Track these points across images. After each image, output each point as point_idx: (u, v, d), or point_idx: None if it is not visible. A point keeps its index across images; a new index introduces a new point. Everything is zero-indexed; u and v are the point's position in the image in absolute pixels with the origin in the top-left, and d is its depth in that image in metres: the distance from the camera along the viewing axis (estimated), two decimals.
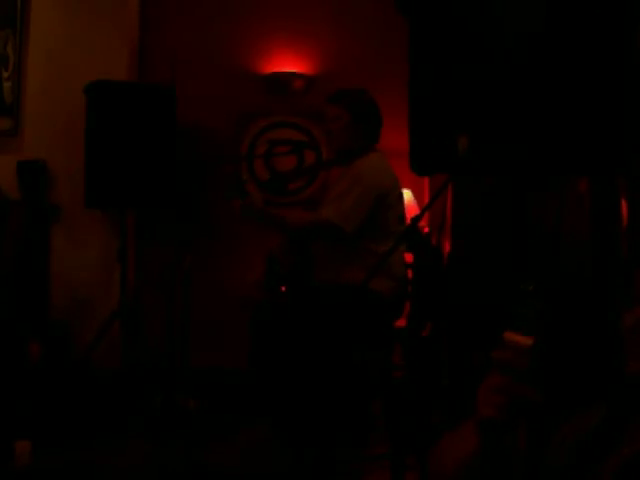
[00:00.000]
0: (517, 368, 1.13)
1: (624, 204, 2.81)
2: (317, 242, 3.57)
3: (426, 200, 4.75)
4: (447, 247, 3.74)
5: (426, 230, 4.16)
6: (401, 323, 3.64)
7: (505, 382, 1.13)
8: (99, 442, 3.75)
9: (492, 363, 1.16)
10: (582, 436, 1.20)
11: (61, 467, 3.41)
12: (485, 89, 2.33)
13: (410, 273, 3.62)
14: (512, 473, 1.23)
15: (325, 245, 3.51)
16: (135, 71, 5.09)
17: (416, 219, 2.99)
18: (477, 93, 2.33)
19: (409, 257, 3.65)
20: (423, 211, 2.85)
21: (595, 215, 2.80)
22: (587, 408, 1.24)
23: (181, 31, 5.07)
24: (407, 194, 4.47)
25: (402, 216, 3.55)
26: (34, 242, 4.88)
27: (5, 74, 5.13)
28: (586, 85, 2.23)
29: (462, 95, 2.35)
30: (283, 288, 3.82)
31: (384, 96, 3.85)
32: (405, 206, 3.71)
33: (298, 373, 3.23)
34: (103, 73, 4.63)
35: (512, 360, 1.13)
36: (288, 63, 5.11)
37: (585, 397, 1.26)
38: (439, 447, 1.32)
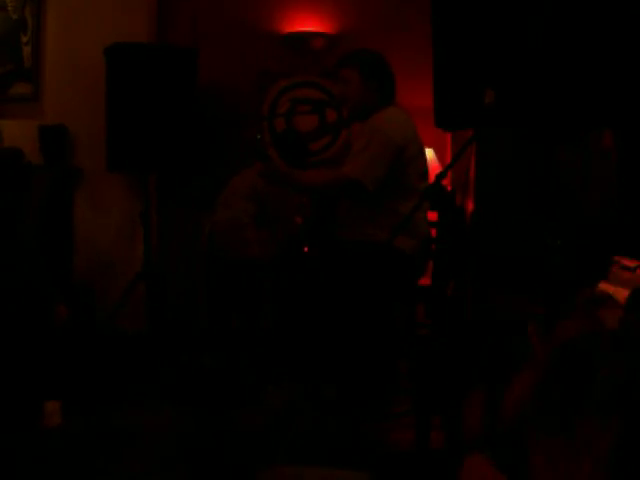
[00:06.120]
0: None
1: None
2: (340, 200, 3.56)
3: (448, 159, 4.72)
4: (470, 206, 3.72)
5: (449, 189, 4.14)
6: (425, 282, 3.64)
7: (592, 316, 1.16)
8: (125, 403, 3.79)
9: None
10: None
11: (89, 427, 3.45)
12: (511, 41, 2.30)
13: (434, 232, 3.60)
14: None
15: (348, 203, 3.50)
16: (154, 32, 5.06)
17: (440, 176, 2.97)
18: (503, 45, 2.30)
19: (433, 215, 3.63)
20: (447, 168, 2.82)
21: (621, 169, 2.77)
22: None
23: None
24: (429, 153, 4.44)
25: (425, 172, 3.51)
26: (57, 206, 4.91)
27: (24, 39, 5.12)
28: (613, 36, 2.20)
29: (488, 48, 2.32)
30: (306, 249, 3.82)
31: (406, 53, 3.83)
32: (428, 163, 3.67)
33: (322, 330, 3.24)
34: (122, 35, 4.62)
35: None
36: (308, 22, 5.07)
37: None
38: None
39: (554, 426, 1.25)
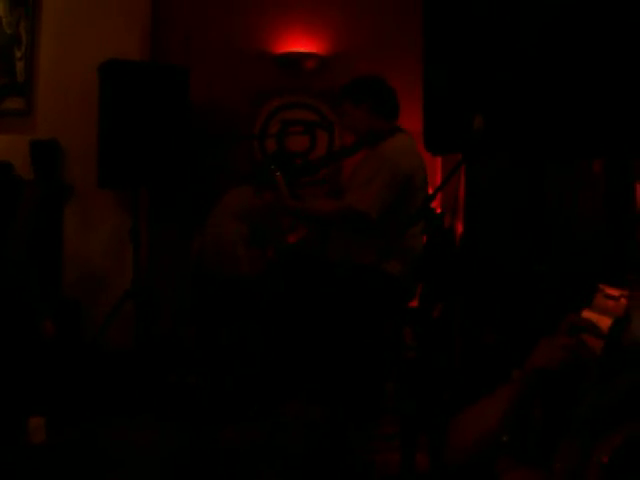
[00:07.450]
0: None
1: (638, 187, 2.80)
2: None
3: (438, 181, 4.73)
4: (459, 228, 3.73)
5: (438, 211, 4.15)
6: (412, 304, 3.64)
7: (573, 342, 1.19)
8: (111, 420, 3.77)
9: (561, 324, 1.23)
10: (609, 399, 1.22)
11: (74, 444, 3.44)
12: (500, 70, 2.32)
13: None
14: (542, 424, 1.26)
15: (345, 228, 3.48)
16: (147, 50, 5.09)
17: (429, 199, 2.99)
18: (492, 74, 2.33)
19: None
20: (436, 192, 2.83)
21: (609, 197, 2.79)
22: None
23: (194, 10, 5.06)
24: None
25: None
26: (47, 221, 4.90)
27: (18, 54, 5.13)
28: (602, 67, 2.22)
29: (477, 75, 2.35)
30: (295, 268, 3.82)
31: (397, 76, 3.83)
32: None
33: (310, 351, 3.23)
34: (116, 52, 4.63)
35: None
36: (301, 43, 5.09)
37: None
38: (459, 420, 1.33)
39: (529, 452, 1.26)
